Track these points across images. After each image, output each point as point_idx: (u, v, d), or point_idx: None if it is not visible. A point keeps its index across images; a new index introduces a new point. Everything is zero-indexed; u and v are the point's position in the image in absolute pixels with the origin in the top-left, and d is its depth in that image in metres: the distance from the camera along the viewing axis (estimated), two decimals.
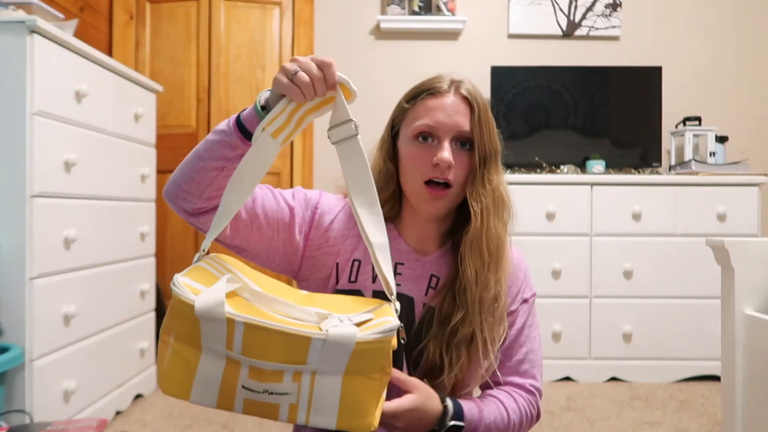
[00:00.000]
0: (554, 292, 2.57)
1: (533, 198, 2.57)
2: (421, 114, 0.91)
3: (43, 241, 1.60)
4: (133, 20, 2.98)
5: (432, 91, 0.92)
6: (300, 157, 3.03)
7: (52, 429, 1.28)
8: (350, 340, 0.67)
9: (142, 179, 2.22)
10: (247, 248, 0.91)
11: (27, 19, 1.53)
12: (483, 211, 0.90)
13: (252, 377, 0.68)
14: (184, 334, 0.68)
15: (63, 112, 1.69)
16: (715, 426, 2.05)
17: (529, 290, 1.01)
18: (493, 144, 0.92)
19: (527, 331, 0.98)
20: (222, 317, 0.66)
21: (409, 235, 0.97)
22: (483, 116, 0.90)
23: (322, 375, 0.69)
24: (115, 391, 2.02)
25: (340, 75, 0.76)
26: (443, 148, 0.88)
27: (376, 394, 0.71)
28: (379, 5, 3.08)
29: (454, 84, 0.92)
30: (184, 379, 0.68)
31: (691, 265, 2.55)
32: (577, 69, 2.91)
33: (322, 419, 0.69)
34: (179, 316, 0.68)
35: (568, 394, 2.38)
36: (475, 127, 0.90)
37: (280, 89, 0.75)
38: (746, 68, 3.08)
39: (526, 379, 0.97)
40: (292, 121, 0.77)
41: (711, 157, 2.82)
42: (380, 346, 0.70)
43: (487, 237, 0.89)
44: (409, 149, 0.92)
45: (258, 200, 0.91)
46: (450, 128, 0.89)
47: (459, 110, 0.90)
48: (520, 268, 1.00)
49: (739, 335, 1.18)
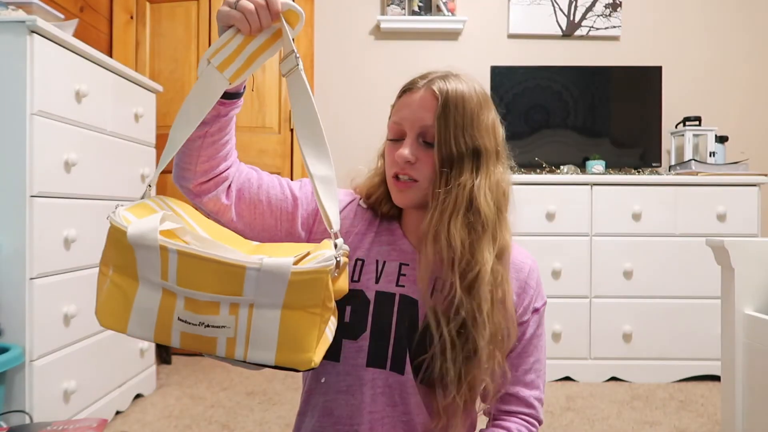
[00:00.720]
0: (554, 292, 2.57)
1: (533, 198, 2.57)
2: (396, 111, 0.91)
3: (43, 241, 1.60)
4: (133, 20, 2.98)
5: (408, 87, 0.91)
6: (300, 157, 3.03)
7: (52, 429, 1.28)
8: (285, 269, 0.66)
9: (142, 179, 2.22)
10: (250, 235, 0.90)
11: (27, 19, 1.53)
12: (435, 209, 0.85)
13: (188, 309, 0.67)
14: (121, 265, 0.68)
15: (63, 112, 1.69)
16: (715, 426, 2.05)
17: (541, 299, 0.98)
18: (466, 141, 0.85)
19: (536, 341, 0.97)
20: (155, 244, 0.65)
21: (413, 236, 0.95)
22: (453, 109, 0.85)
23: (260, 308, 0.67)
24: (115, 391, 2.02)
25: (284, 1, 0.74)
26: (404, 145, 0.87)
27: (316, 329, 0.70)
28: (379, 5, 3.08)
29: (430, 80, 0.89)
30: (122, 311, 0.68)
31: (691, 265, 2.55)
32: (577, 69, 2.91)
33: (260, 354, 0.68)
34: (115, 245, 0.68)
35: (568, 394, 2.38)
36: (439, 121, 0.85)
37: (224, 19, 0.74)
38: (746, 68, 3.08)
39: (532, 390, 0.95)
40: (240, 55, 0.76)
41: (711, 157, 2.82)
42: (317, 277, 0.68)
43: (437, 237, 0.84)
44: (387, 147, 0.92)
45: (264, 186, 0.90)
46: (411, 124, 0.87)
47: (425, 105, 0.87)
48: (532, 276, 0.96)
49: (739, 335, 1.18)
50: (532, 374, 0.96)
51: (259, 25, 0.74)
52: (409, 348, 0.88)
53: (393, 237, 0.95)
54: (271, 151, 3.02)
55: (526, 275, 0.95)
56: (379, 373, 0.88)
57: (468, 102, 0.86)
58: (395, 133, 0.90)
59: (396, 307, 0.89)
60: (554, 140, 2.88)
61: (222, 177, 0.86)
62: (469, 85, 0.89)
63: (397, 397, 0.89)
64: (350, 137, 2.94)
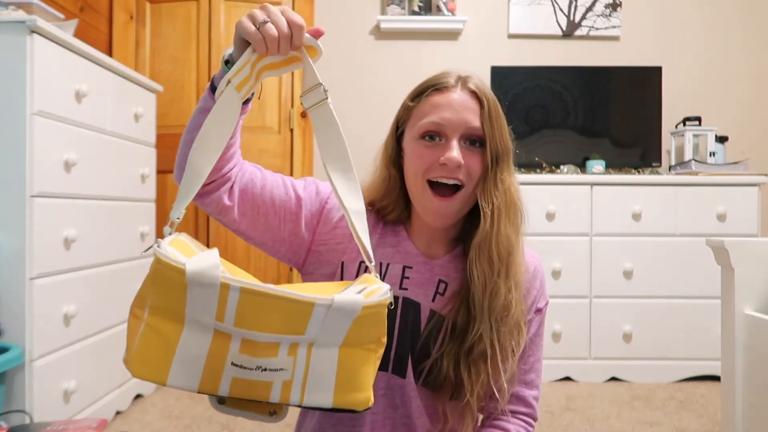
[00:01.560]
0: (554, 292, 2.57)
1: (533, 198, 2.57)
2: (427, 111, 0.86)
3: (43, 241, 1.60)
4: (133, 20, 2.98)
5: (438, 86, 0.87)
6: (300, 157, 3.03)
7: (52, 429, 1.28)
8: (356, 305, 0.63)
9: (142, 179, 2.22)
10: (253, 235, 0.88)
11: (27, 19, 1.53)
12: (494, 212, 0.85)
13: (244, 352, 0.61)
14: (163, 307, 0.61)
15: (63, 112, 1.69)
16: (715, 426, 2.05)
17: (544, 299, 0.97)
18: (504, 142, 0.87)
19: (537, 340, 0.96)
20: (216, 281, 0.59)
21: (418, 239, 0.93)
22: (494, 112, 0.86)
23: (320, 347, 0.63)
24: (115, 391, 2.02)
25: (307, 36, 0.72)
26: (451, 147, 0.83)
27: (372, 366, 0.67)
28: (379, 5, 3.08)
29: (462, 79, 0.87)
30: (161, 359, 0.60)
31: (691, 265, 2.55)
32: (577, 69, 2.91)
33: (318, 396, 0.64)
34: (162, 284, 0.60)
35: (568, 394, 2.38)
36: (486, 124, 0.85)
37: (244, 34, 0.70)
38: (746, 68, 3.08)
39: (531, 390, 0.95)
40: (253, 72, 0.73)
41: (711, 157, 2.82)
42: (380, 311, 0.67)
43: (498, 241, 0.85)
44: (415, 148, 0.87)
45: (267, 187, 0.87)
46: (458, 125, 0.84)
47: (467, 106, 0.85)
48: (537, 276, 0.95)
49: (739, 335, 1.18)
50: (532, 374, 0.95)
51: (276, 52, 0.71)
52: (411, 351, 0.88)
53: (397, 239, 0.93)
54: (271, 151, 3.02)
55: (531, 275, 0.94)
56: (381, 375, 0.86)
57: (499, 106, 0.88)
58: (433, 131, 0.85)
59: (399, 311, 0.88)
60: (554, 140, 2.88)
61: (225, 178, 0.83)
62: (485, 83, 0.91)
63: (398, 400, 0.88)
64: (350, 137, 2.92)
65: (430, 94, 0.87)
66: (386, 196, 0.92)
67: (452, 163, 0.83)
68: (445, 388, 0.87)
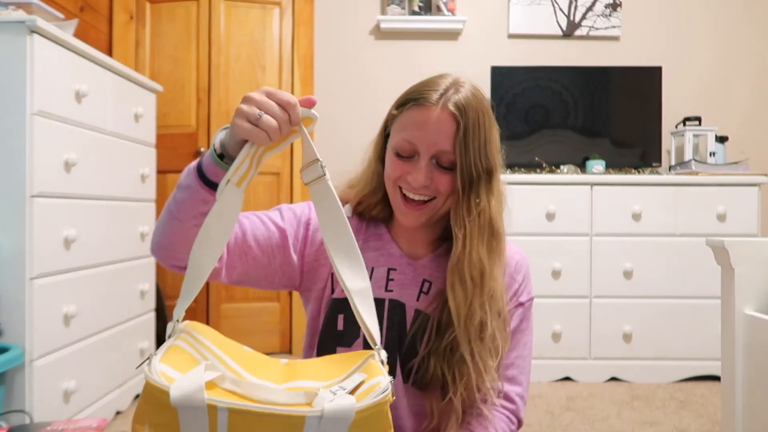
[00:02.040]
0: (554, 292, 2.57)
1: (533, 198, 2.57)
2: (404, 126, 0.86)
3: (43, 241, 1.60)
4: (133, 20, 2.97)
5: (419, 101, 0.85)
6: (300, 157, 3.03)
7: (52, 429, 1.28)
8: (349, 412, 0.60)
9: (142, 179, 2.22)
10: (246, 280, 0.89)
11: (27, 19, 1.53)
12: (466, 236, 0.85)
13: None
14: (160, 424, 0.60)
15: (63, 112, 1.69)
16: (715, 426, 2.05)
17: (527, 294, 0.97)
18: (483, 163, 0.85)
19: (519, 335, 0.95)
20: (202, 404, 0.58)
21: (401, 239, 0.95)
22: (472, 133, 0.83)
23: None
24: (115, 391, 2.02)
25: (302, 109, 0.70)
26: (419, 168, 0.84)
27: None
28: (379, 5, 3.08)
29: (445, 96, 0.85)
30: None
31: (691, 265, 2.55)
32: (577, 69, 2.91)
33: None
34: (154, 404, 0.60)
35: (568, 394, 2.38)
36: (459, 146, 0.83)
37: (244, 135, 0.67)
38: (747, 68, 3.08)
39: (513, 386, 0.93)
40: (253, 164, 0.71)
41: (711, 157, 2.82)
42: (379, 409, 0.62)
43: (470, 264, 0.85)
44: (391, 159, 0.88)
45: (248, 232, 0.87)
46: (428, 147, 0.84)
47: (442, 128, 0.83)
48: (519, 271, 0.96)
49: (739, 335, 1.18)
50: (513, 369, 0.94)
51: (278, 138, 0.69)
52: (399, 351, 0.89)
53: (381, 242, 0.96)
54: None
55: (513, 269, 0.95)
56: None
57: (482, 122, 0.85)
58: (405, 150, 0.86)
59: (386, 313, 0.90)
60: (554, 140, 2.88)
61: None
62: (478, 96, 0.87)
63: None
64: (349, 137, 2.94)
65: (410, 108, 0.87)
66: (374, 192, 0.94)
67: (416, 184, 0.85)
68: (433, 386, 0.88)
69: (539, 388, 2.46)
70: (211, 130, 2.96)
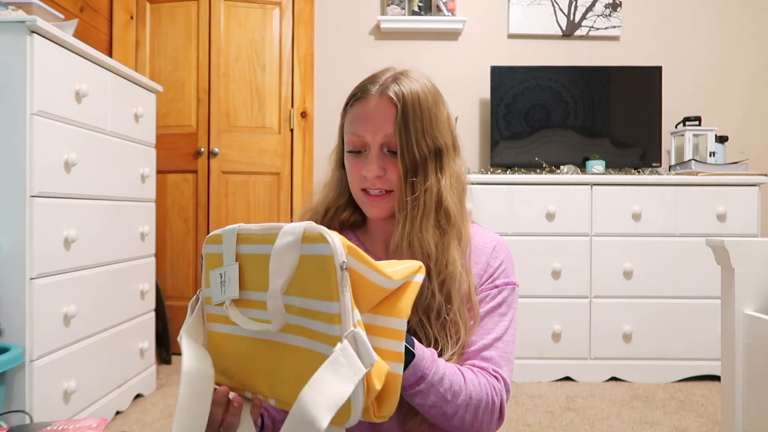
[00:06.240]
0: (554, 292, 2.57)
1: (533, 198, 2.57)
2: (351, 122, 0.88)
3: (43, 241, 1.60)
4: (133, 20, 2.98)
5: (359, 96, 0.88)
6: (300, 157, 3.03)
7: (52, 429, 1.28)
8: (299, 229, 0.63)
9: (142, 179, 2.22)
10: None
11: (27, 19, 1.53)
12: (407, 218, 0.85)
13: None
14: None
15: (63, 112, 1.69)
16: (715, 426, 2.05)
17: (504, 278, 0.91)
18: (427, 143, 0.85)
19: (497, 318, 0.88)
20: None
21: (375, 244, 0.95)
22: (412, 113, 0.84)
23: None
24: (115, 391, 2.02)
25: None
26: (369, 160, 0.85)
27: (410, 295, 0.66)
28: (379, 5, 3.08)
29: (383, 85, 0.86)
30: None
31: (691, 265, 2.55)
32: (577, 69, 2.91)
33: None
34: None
35: (568, 394, 2.38)
36: (399, 128, 0.84)
37: None
38: (747, 68, 3.08)
39: (490, 365, 0.85)
40: None
41: (711, 157, 2.82)
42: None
43: (411, 248, 0.84)
44: (347, 159, 0.90)
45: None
46: (373, 135, 0.85)
47: (383, 115, 0.85)
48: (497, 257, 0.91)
49: (739, 335, 1.18)
50: (491, 351, 0.86)
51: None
52: None
53: None
54: (271, 151, 3.02)
55: (488, 256, 0.91)
56: None
57: (423, 102, 0.85)
58: (356, 145, 0.87)
59: None
60: (554, 140, 2.88)
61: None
62: (421, 82, 0.88)
63: None
64: None
65: (353, 104, 0.89)
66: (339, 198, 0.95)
67: (371, 174, 0.85)
68: None
69: (539, 388, 2.46)
70: (211, 130, 2.97)
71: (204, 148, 2.95)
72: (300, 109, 3.03)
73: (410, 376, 0.74)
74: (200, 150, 2.95)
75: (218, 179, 2.97)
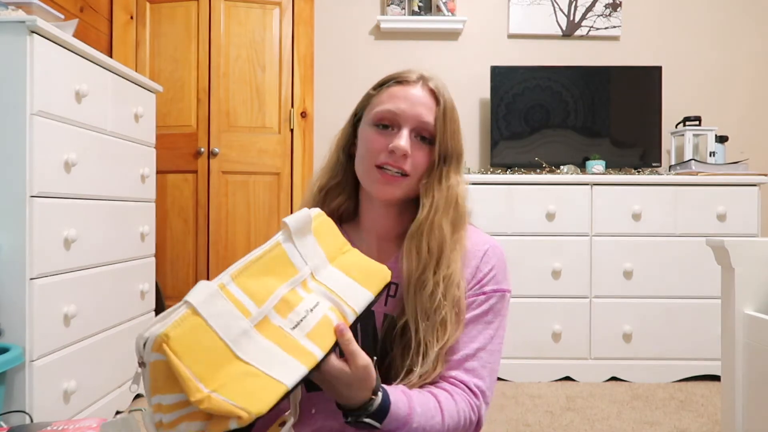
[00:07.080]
0: (554, 292, 2.57)
1: (533, 198, 2.57)
2: (384, 100, 0.90)
3: (43, 241, 1.60)
4: (133, 20, 2.98)
5: (399, 79, 0.91)
6: (300, 157, 3.03)
7: (52, 429, 1.28)
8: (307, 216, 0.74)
9: (142, 179, 2.22)
10: None
11: (27, 19, 1.53)
12: (432, 205, 0.87)
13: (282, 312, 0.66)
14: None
15: (63, 112, 1.69)
16: (715, 426, 2.05)
17: (494, 284, 0.89)
18: (455, 144, 0.90)
19: (481, 326, 0.87)
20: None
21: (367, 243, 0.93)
22: (449, 113, 0.89)
23: (319, 273, 0.73)
24: (115, 391, 2.02)
25: None
26: (401, 136, 0.86)
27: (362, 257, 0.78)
28: (379, 5, 3.08)
29: (423, 78, 0.91)
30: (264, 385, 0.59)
31: (691, 265, 2.55)
32: (577, 69, 2.91)
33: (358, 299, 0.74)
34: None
35: (568, 394, 2.38)
36: (439, 122, 0.88)
37: None
38: (747, 68, 3.08)
39: (472, 377, 0.84)
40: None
41: (711, 157, 2.82)
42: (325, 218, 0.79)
43: (430, 232, 0.86)
44: (367, 133, 0.90)
45: None
46: (411, 117, 0.87)
47: (424, 102, 0.88)
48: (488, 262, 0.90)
49: (739, 335, 1.19)
50: (473, 361, 0.85)
51: None
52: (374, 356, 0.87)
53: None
54: (271, 151, 3.02)
55: (479, 260, 0.90)
56: None
57: (454, 110, 0.91)
58: (388, 120, 0.88)
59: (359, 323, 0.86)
60: (554, 140, 2.88)
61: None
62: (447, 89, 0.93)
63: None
64: None
65: (390, 86, 0.91)
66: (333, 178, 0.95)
67: (399, 151, 0.86)
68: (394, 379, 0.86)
69: (539, 388, 2.46)
70: (211, 130, 2.96)
71: (204, 148, 2.95)
72: (300, 109, 3.03)
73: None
74: (200, 150, 2.95)
75: (218, 179, 2.97)
